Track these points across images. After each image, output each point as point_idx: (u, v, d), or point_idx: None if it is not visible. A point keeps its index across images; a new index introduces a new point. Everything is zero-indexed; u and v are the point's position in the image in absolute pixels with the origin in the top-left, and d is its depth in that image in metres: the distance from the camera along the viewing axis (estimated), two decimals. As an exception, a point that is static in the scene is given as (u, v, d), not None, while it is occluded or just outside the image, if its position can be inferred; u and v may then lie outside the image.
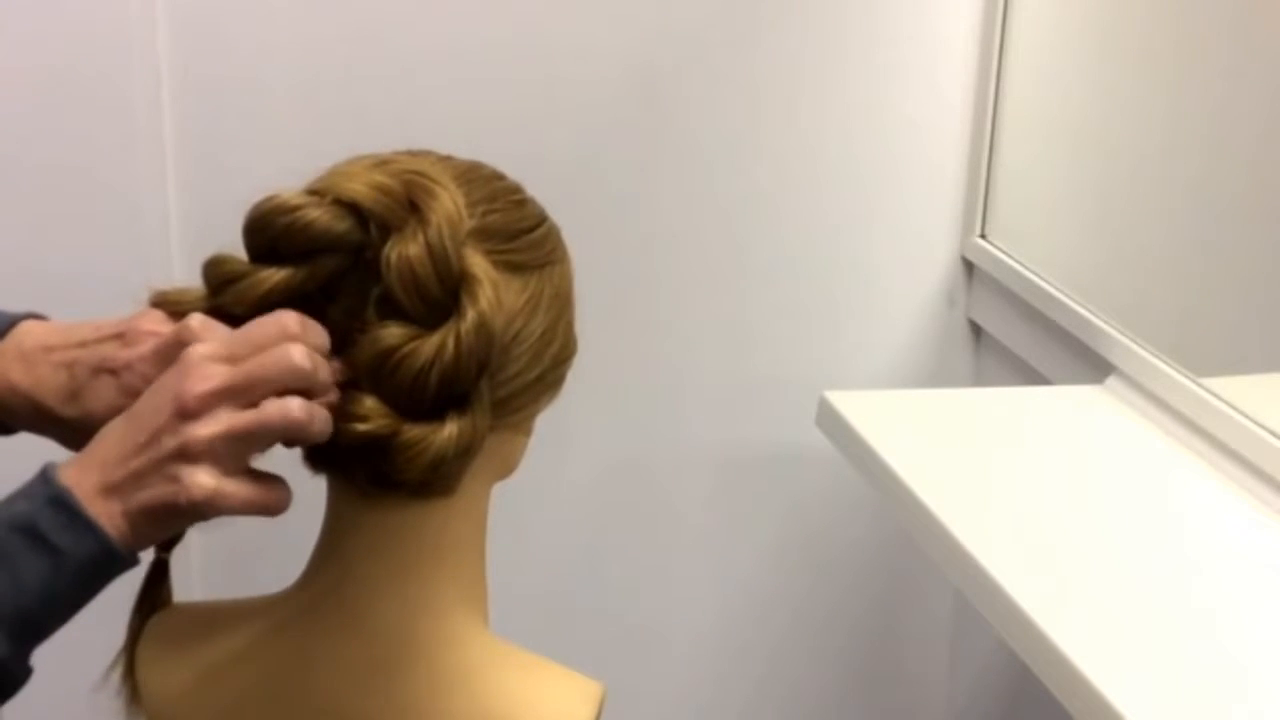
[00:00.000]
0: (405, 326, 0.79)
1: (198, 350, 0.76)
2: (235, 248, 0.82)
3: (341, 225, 0.79)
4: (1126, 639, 1.09)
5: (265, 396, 0.75)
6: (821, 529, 1.80)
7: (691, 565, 1.78)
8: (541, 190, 0.92)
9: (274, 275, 0.80)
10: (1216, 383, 1.35)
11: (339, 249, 0.80)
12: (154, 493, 0.75)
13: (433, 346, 0.78)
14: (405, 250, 0.79)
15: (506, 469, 0.90)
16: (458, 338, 0.79)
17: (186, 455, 0.74)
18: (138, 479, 0.75)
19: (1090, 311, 1.51)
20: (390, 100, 1.51)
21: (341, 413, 0.79)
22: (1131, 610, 1.13)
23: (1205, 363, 1.37)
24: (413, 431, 0.79)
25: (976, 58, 1.66)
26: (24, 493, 0.75)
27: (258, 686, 0.87)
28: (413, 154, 0.87)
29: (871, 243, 1.70)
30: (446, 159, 0.88)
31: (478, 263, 0.81)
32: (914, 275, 1.73)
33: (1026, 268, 1.62)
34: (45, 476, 0.75)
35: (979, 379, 1.78)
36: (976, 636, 1.81)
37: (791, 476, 1.76)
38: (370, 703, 0.85)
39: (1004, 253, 1.67)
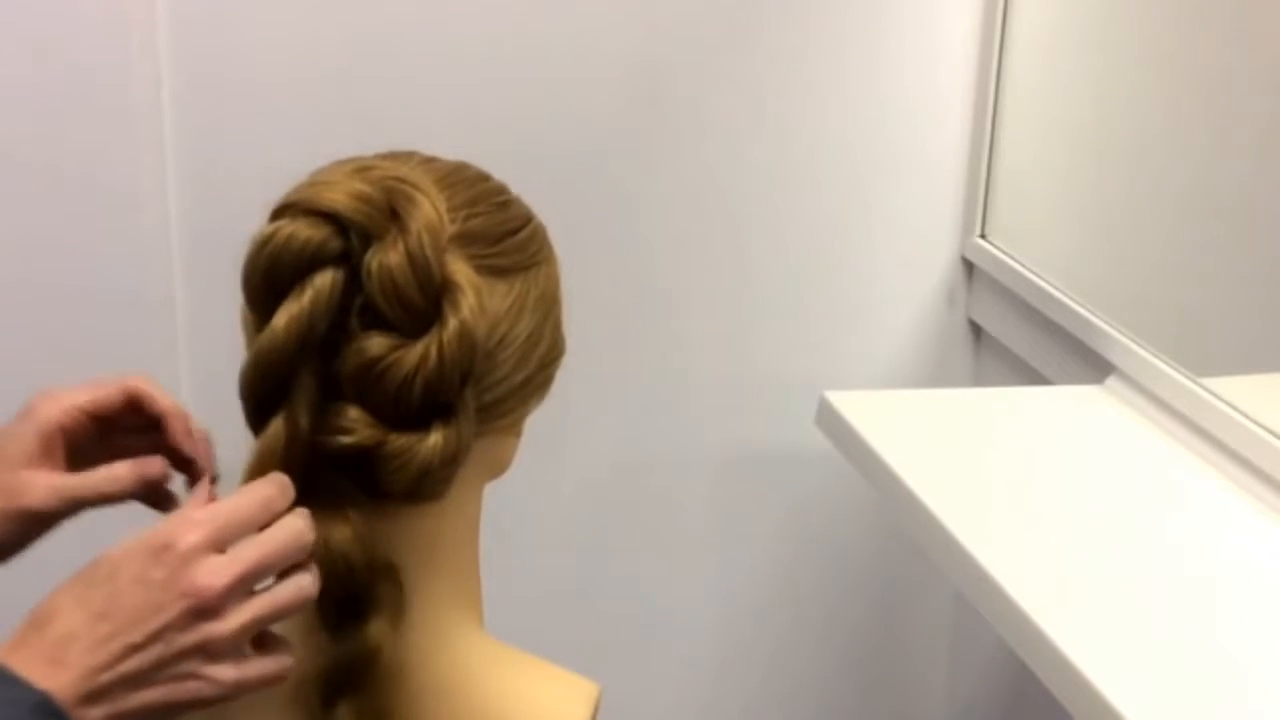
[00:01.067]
0: (388, 336, 0.78)
1: (188, 541, 0.73)
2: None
3: (320, 234, 0.78)
4: (1126, 639, 1.09)
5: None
6: (821, 529, 1.80)
7: (691, 565, 1.78)
8: (541, 189, 0.92)
9: (279, 320, 0.78)
10: (1216, 383, 1.35)
11: (325, 260, 0.79)
12: (158, 693, 0.72)
13: (416, 356, 0.78)
14: (386, 259, 0.78)
15: (498, 470, 0.90)
16: (440, 347, 0.78)
17: (209, 652, 0.73)
18: (134, 681, 0.72)
19: (1090, 311, 1.51)
20: (390, 99, 1.51)
21: (327, 424, 0.79)
22: (1131, 610, 1.13)
23: (1205, 363, 1.37)
24: (398, 442, 0.79)
25: (976, 58, 1.66)
26: None
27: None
28: (396, 156, 0.87)
29: (871, 243, 1.70)
30: (430, 161, 0.87)
31: (460, 269, 0.80)
32: (914, 275, 1.73)
33: (1026, 268, 1.62)
34: (9, 678, 0.69)
35: (979, 379, 1.78)
36: (976, 636, 1.81)
37: (791, 476, 1.76)
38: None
39: (1004, 253, 1.67)
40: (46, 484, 0.86)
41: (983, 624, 1.26)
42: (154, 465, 0.87)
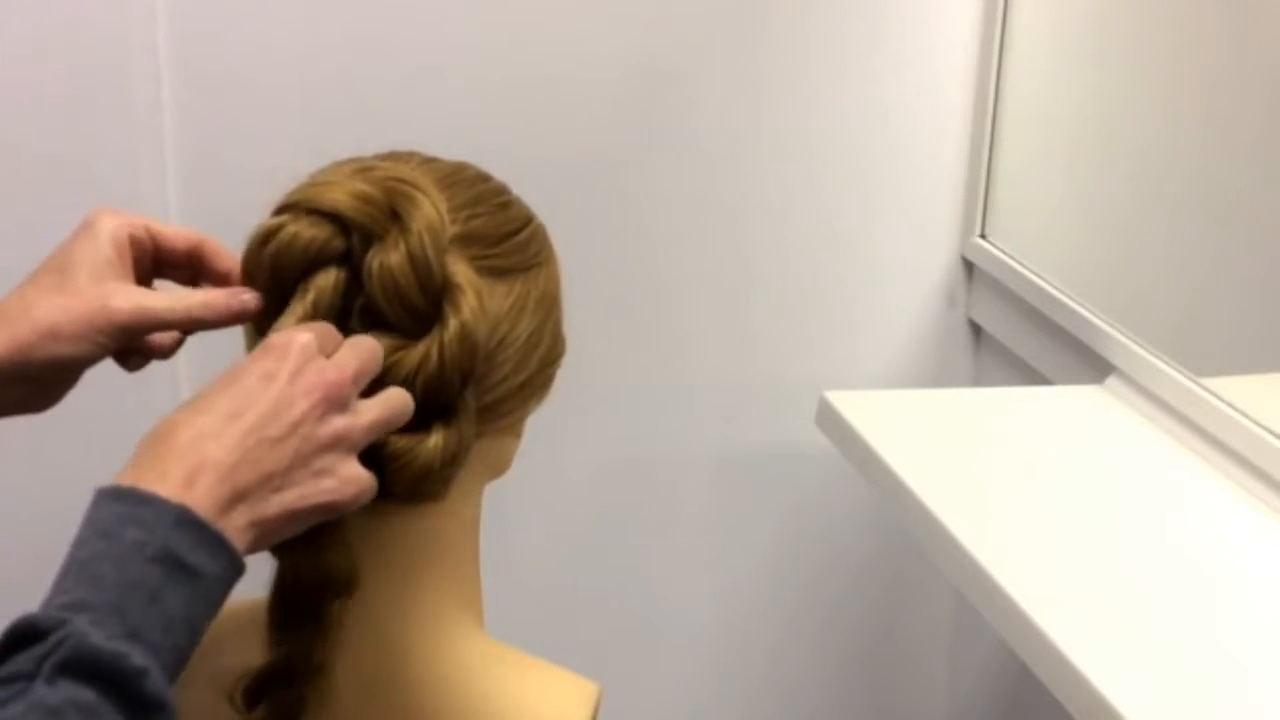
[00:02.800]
0: (389, 337, 0.79)
1: (302, 340, 0.73)
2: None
3: (323, 234, 0.79)
4: (1126, 639, 1.09)
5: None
6: (821, 529, 1.80)
7: (691, 565, 1.78)
8: (541, 190, 0.92)
9: (287, 321, 0.78)
10: (1216, 383, 1.35)
11: (328, 260, 0.79)
12: (300, 493, 0.71)
13: (416, 357, 0.78)
14: (387, 259, 0.78)
15: (498, 470, 0.90)
16: (441, 348, 0.78)
17: (344, 446, 0.72)
18: (273, 481, 0.70)
19: (1090, 311, 1.51)
20: (390, 100, 1.51)
21: None
22: (1131, 610, 1.13)
23: (1205, 363, 1.37)
24: (399, 443, 0.79)
25: (976, 58, 1.66)
26: (129, 519, 0.65)
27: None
28: (397, 157, 0.87)
29: (871, 243, 1.70)
30: (431, 161, 0.87)
31: (460, 270, 0.80)
32: (914, 275, 1.73)
33: (1026, 268, 1.62)
34: (143, 497, 0.66)
35: (979, 379, 1.78)
36: (976, 636, 1.81)
37: (791, 476, 1.76)
38: (366, 707, 0.85)
39: (1004, 253, 1.67)
40: (130, 299, 0.78)
41: (983, 624, 1.26)
42: (251, 299, 0.80)
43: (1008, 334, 1.69)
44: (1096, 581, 1.17)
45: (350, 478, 0.73)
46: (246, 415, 0.70)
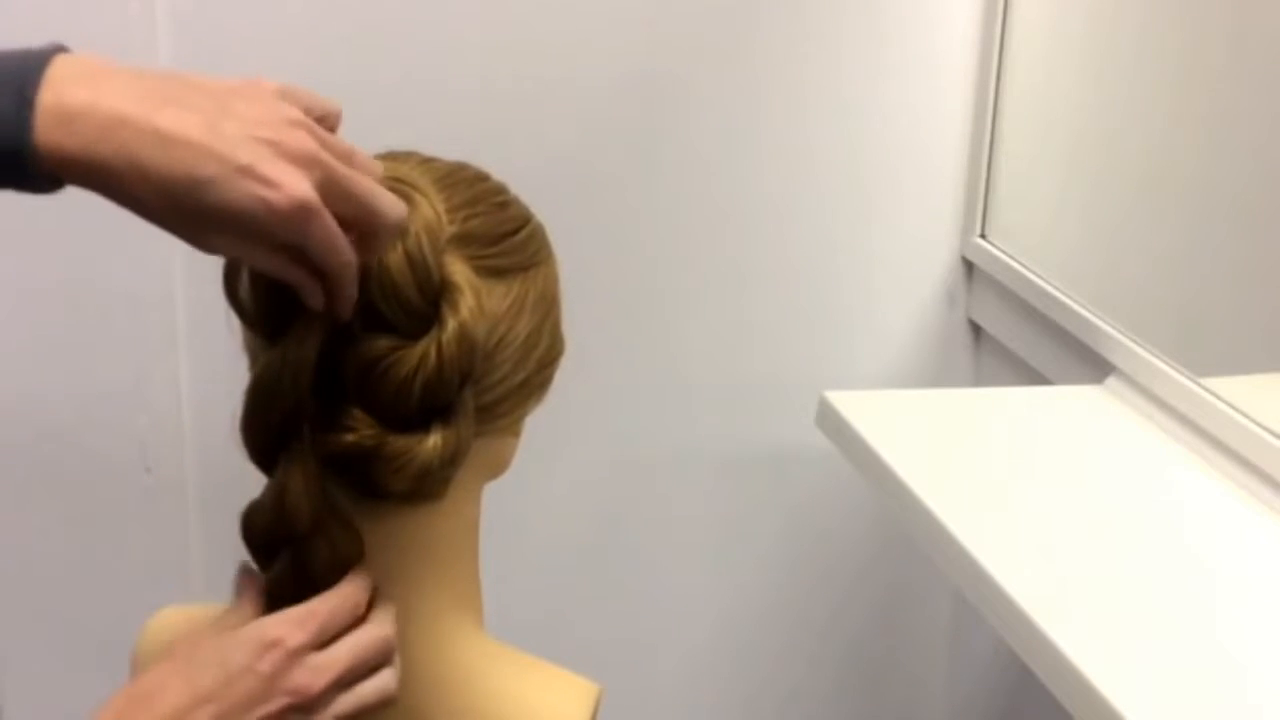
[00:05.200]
0: (388, 337, 0.78)
1: (296, 640, 0.77)
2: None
3: None
4: (1126, 639, 1.09)
5: None
6: (821, 529, 1.80)
7: (691, 565, 1.77)
8: (539, 191, 0.92)
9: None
10: (1216, 383, 1.35)
11: None
12: None
13: (415, 357, 0.78)
14: (385, 259, 0.78)
15: (497, 470, 0.90)
16: (439, 348, 0.78)
17: None
18: None
19: (1090, 311, 1.51)
20: (390, 100, 1.51)
21: (329, 423, 0.79)
22: (1131, 610, 1.13)
23: (1205, 363, 1.37)
24: (398, 443, 0.79)
25: (976, 58, 1.66)
26: None
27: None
28: (395, 157, 0.87)
29: (871, 243, 1.70)
30: (429, 161, 0.87)
31: (459, 270, 0.80)
32: (914, 275, 1.73)
33: (1026, 268, 1.62)
34: None
35: (979, 379, 1.78)
36: (976, 636, 1.81)
37: (791, 476, 1.76)
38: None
39: (1004, 253, 1.67)
40: None
41: (983, 624, 1.26)
42: None
43: (1008, 334, 1.69)
44: (1096, 581, 1.17)
45: None
46: (220, 702, 0.75)
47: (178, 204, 0.71)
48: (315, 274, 0.75)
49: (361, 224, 0.75)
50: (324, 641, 0.78)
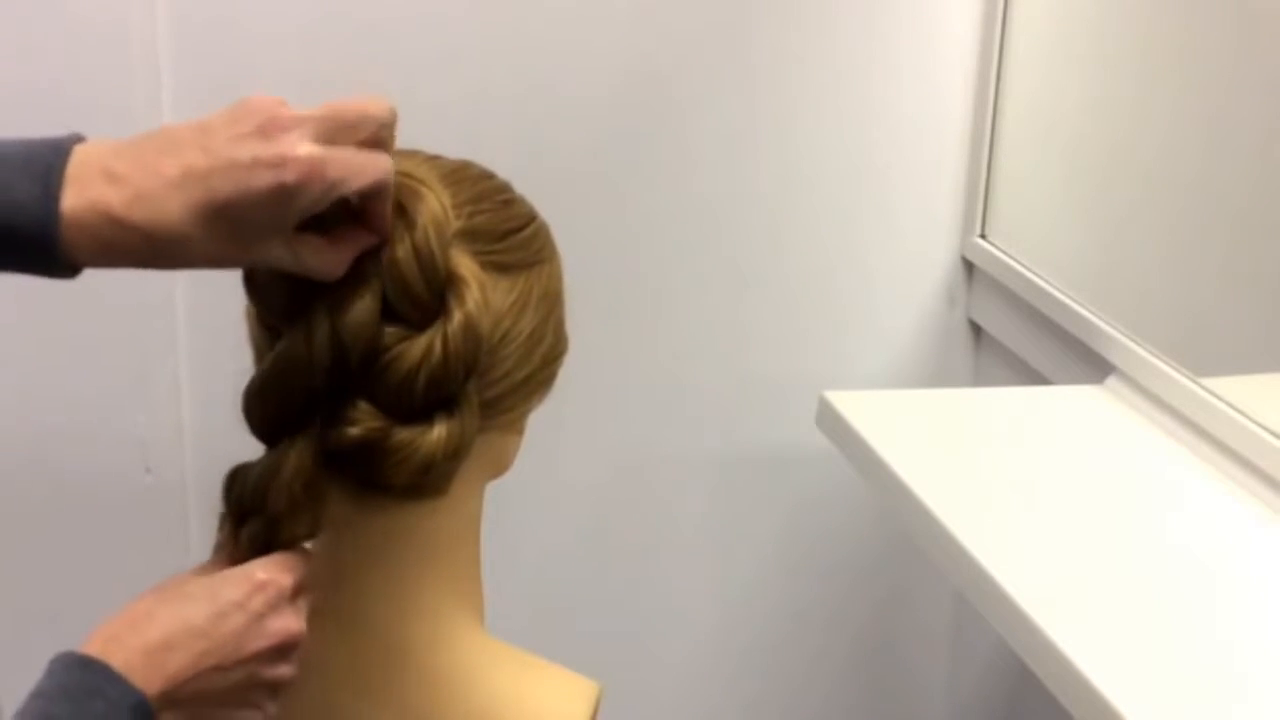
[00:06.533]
0: (394, 329, 0.79)
1: (284, 581, 0.78)
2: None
3: None
4: (1126, 639, 1.09)
5: None
6: (821, 529, 1.80)
7: (691, 565, 1.78)
8: (540, 190, 0.92)
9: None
10: (1216, 383, 1.35)
11: None
12: (222, 713, 0.77)
13: (420, 348, 0.79)
14: (392, 253, 0.79)
15: (500, 468, 0.90)
16: (445, 340, 0.79)
17: (277, 689, 0.78)
18: (209, 698, 0.76)
19: (1090, 311, 1.51)
20: (391, 100, 1.51)
21: (333, 417, 0.79)
22: (1131, 610, 1.13)
23: (1205, 363, 1.37)
24: (402, 434, 0.79)
25: (976, 58, 1.66)
26: (96, 691, 0.72)
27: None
28: (400, 154, 0.87)
29: (871, 243, 1.70)
30: (434, 159, 0.87)
31: (464, 264, 0.81)
32: (914, 275, 1.73)
33: (1026, 268, 1.62)
34: (111, 675, 0.73)
35: (979, 379, 1.78)
36: (977, 636, 1.81)
37: (791, 477, 1.76)
38: (365, 704, 0.85)
39: (1004, 253, 1.67)
40: None
41: (983, 624, 1.26)
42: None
43: (1008, 334, 1.69)
44: (1096, 581, 1.17)
45: (269, 715, 0.79)
46: (212, 637, 0.76)
47: (213, 234, 0.74)
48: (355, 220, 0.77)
49: (370, 141, 0.78)
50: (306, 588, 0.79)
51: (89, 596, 1.55)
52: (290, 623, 0.77)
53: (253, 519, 0.80)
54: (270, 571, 0.78)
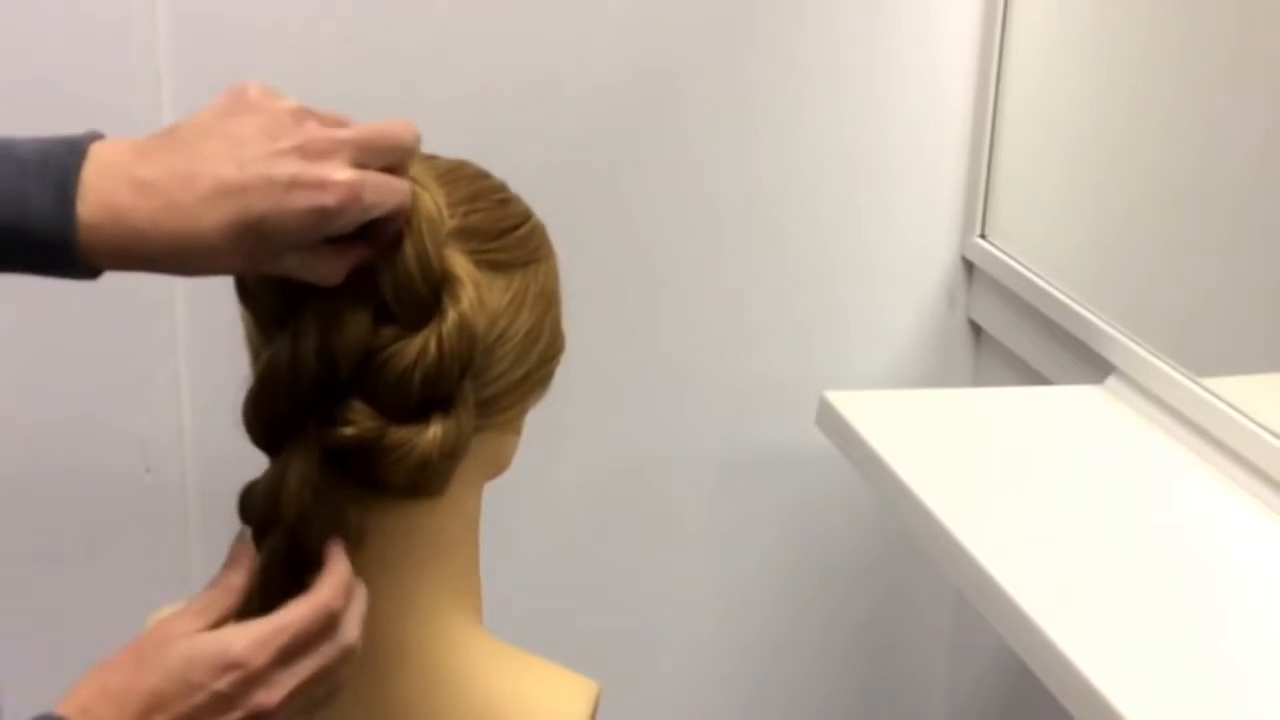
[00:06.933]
0: (389, 328, 0.79)
1: (258, 663, 0.76)
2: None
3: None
4: (1126, 639, 1.09)
5: None
6: (821, 529, 1.80)
7: (691, 566, 1.77)
8: (540, 190, 0.92)
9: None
10: (1216, 383, 1.35)
11: None
12: None
13: (415, 347, 0.78)
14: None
15: (498, 467, 0.90)
16: (440, 339, 0.79)
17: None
18: None
19: (1090, 311, 1.51)
20: (390, 101, 1.51)
21: (329, 416, 0.79)
22: (1132, 610, 1.13)
23: (1205, 363, 1.37)
24: (398, 434, 0.79)
25: (977, 58, 1.66)
26: None
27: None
28: None
29: (871, 243, 1.70)
30: (430, 158, 0.87)
31: (459, 263, 0.81)
32: (914, 275, 1.73)
33: (1026, 268, 1.62)
34: None
35: (979, 379, 1.78)
36: (977, 637, 1.81)
37: (791, 477, 1.76)
38: (363, 704, 0.85)
39: (1004, 253, 1.67)
40: None
41: (983, 624, 1.26)
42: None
43: (1008, 334, 1.69)
44: (1096, 581, 1.17)
45: None
46: (170, 711, 0.74)
47: (240, 247, 0.74)
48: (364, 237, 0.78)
49: (395, 165, 0.78)
50: (287, 660, 0.77)
51: (89, 596, 1.56)
52: (260, 697, 0.75)
53: (272, 532, 0.79)
54: (244, 651, 0.75)
